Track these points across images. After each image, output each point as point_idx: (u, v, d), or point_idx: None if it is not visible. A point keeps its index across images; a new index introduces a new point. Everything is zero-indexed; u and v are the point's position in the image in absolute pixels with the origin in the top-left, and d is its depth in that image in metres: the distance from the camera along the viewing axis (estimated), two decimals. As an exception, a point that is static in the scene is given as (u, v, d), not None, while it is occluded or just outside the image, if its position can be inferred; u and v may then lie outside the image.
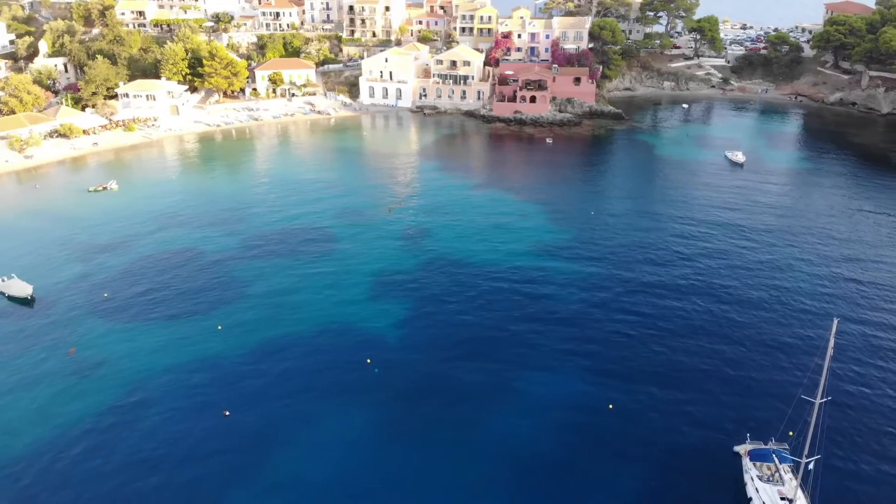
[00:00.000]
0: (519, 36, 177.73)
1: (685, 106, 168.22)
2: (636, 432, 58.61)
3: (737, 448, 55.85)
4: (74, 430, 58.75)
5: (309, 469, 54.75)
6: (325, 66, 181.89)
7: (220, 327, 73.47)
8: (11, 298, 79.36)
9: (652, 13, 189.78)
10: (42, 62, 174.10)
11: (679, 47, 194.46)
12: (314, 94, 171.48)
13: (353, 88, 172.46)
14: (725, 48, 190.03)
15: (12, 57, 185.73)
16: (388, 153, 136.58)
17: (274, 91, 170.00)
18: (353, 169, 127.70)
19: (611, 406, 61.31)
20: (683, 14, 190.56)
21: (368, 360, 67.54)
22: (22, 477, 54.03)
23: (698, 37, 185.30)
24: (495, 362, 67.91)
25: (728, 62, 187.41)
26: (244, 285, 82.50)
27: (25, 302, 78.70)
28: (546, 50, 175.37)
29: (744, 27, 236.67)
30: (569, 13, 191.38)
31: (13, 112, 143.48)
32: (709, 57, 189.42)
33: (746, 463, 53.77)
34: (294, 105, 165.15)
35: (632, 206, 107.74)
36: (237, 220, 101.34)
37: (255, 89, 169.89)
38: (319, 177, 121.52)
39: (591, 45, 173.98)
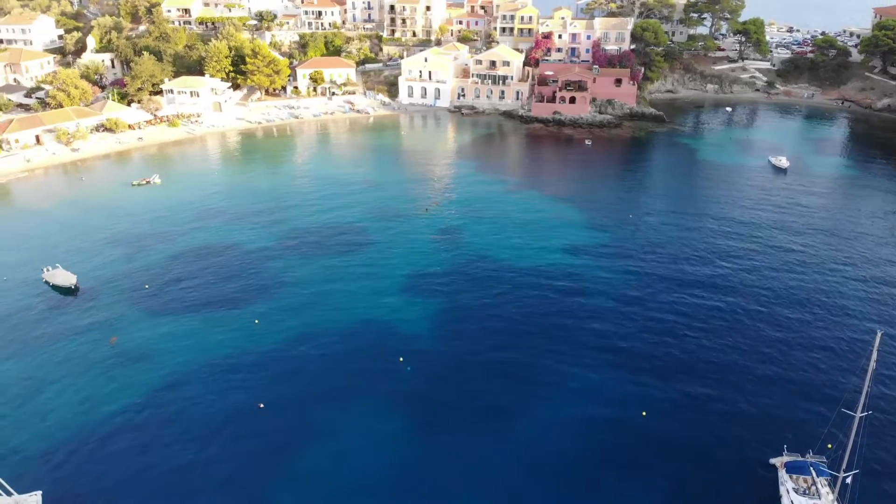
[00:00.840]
0: (560, 36, 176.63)
1: (728, 109, 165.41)
2: (669, 438, 57.94)
3: (773, 460, 54.79)
4: (114, 418, 60.21)
5: (339, 464, 55.26)
6: (365, 66, 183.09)
7: (256, 321, 74.58)
8: (56, 288, 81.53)
9: (696, 14, 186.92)
10: (89, 57, 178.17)
11: (723, 49, 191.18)
12: (354, 92, 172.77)
13: (392, 88, 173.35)
14: (771, 51, 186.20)
15: (61, 52, 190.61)
16: (425, 152, 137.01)
17: (314, 89, 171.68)
18: (390, 167, 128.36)
19: (644, 413, 60.67)
20: (728, 16, 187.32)
21: (401, 359, 67.89)
22: (63, 462, 55.56)
23: (743, 39, 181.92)
24: (528, 360, 67.82)
25: (773, 65, 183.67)
26: (281, 280, 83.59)
27: (69, 291, 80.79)
28: (587, 51, 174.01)
29: (790, 30, 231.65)
30: (611, 14, 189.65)
31: (61, 106, 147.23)
32: (754, 60, 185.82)
33: (782, 475, 52.76)
34: (334, 104, 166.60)
35: (671, 209, 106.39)
36: (276, 216, 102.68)
37: (296, 87, 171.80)
38: (357, 175, 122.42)
39: (632, 47, 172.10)
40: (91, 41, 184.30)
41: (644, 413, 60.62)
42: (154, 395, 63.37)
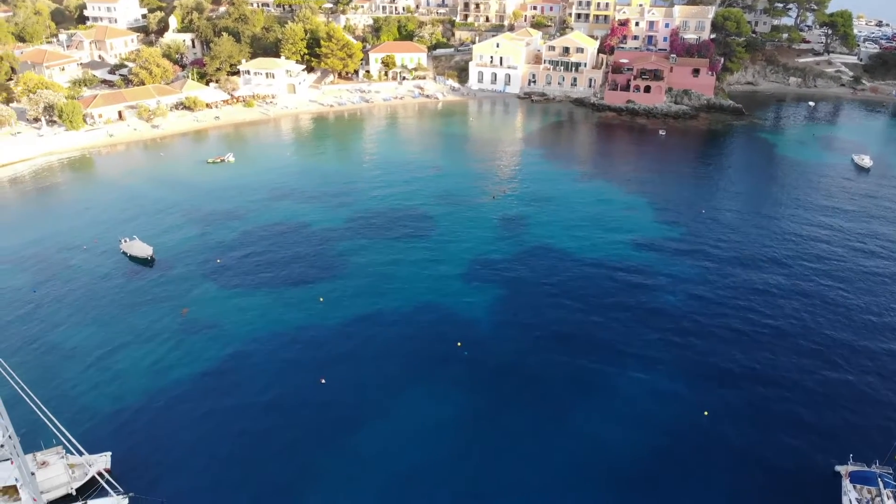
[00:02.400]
0: (637, 24, 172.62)
1: (811, 104, 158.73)
2: (730, 439, 56.36)
3: (838, 468, 52.79)
4: (182, 384, 62.34)
5: (392, 444, 55.79)
6: (437, 51, 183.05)
7: (321, 299, 75.85)
8: (133, 258, 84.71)
9: (781, 5, 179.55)
10: (171, 37, 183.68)
11: (808, 42, 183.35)
12: (424, 77, 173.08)
13: (462, 73, 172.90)
14: (858, 45, 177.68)
15: (144, 31, 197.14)
16: (492, 139, 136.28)
17: (386, 74, 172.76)
18: (457, 153, 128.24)
19: (706, 413, 59.14)
20: (815, 7, 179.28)
21: (459, 344, 67.96)
22: (132, 425, 57.81)
23: (829, 32, 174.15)
24: (587, 355, 66.91)
25: (860, 60, 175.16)
26: (346, 260, 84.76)
27: (145, 262, 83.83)
28: (665, 39, 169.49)
29: (879, 24, 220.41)
30: (691, 2, 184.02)
31: (143, 83, 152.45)
32: (840, 54, 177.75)
33: (846, 484, 50.75)
34: (404, 88, 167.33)
35: (746, 205, 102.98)
36: (343, 198, 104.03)
37: (367, 71, 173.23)
38: (424, 160, 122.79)
39: (712, 36, 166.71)
40: (173, 21, 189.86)
41: (706, 413, 59.08)
42: (220, 364, 65.31)
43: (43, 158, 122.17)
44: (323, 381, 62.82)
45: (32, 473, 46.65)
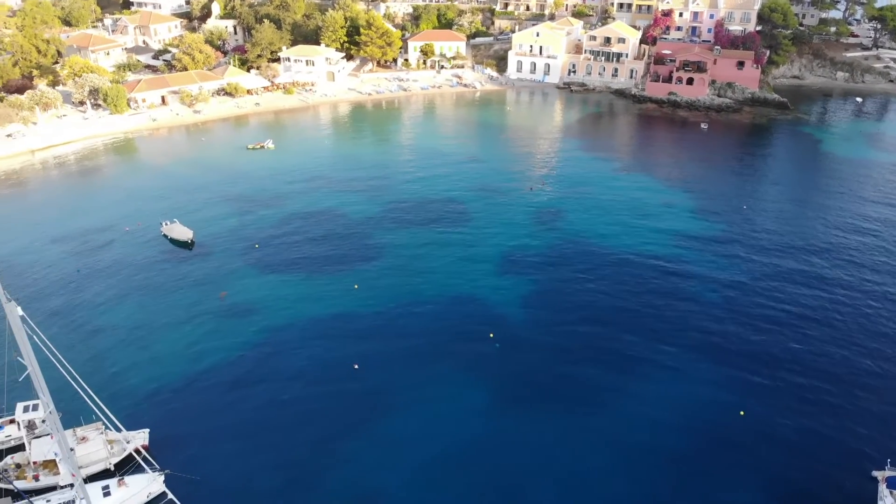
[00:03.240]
0: (680, 14, 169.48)
1: (859, 100, 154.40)
2: (765, 439, 55.43)
3: (875, 473, 51.59)
4: (219, 366, 63.43)
5: (423, 431, 56.07)
6: (476, 39, 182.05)
7: (356, 286, 76.33)
8: (173, 241, 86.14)
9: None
10: (214, 23, 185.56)
11: (857, 36, 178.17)
12: (462, 66, 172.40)
13: (500, 62, 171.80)
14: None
15: (187, 17, 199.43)
16: (530, 129, 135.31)
17: (424, 62, 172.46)
18: (493, 142, 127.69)
19: (742, 412, 58.21)
20: (864, 1, 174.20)
21: (491, 335, 67.85)
22: (170, 403, 59.03)
23: (878, 26, 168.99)
24: (621, 347, 66.43)
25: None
26: (381, 247, 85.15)
27: (185, 245, 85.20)
28: (709, 31, 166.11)
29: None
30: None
31: (185, 69, 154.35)
32: (889, 49, 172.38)
33: (882, 490, 49.66)
34: (442, 77, 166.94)
35: (790, 202, 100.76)
36: (380, 186, 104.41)
37: (406, 60, 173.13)
38: (461, 149, 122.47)
39: (758, 28, 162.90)
40: (216, 7, 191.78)
41: (742, 412, 58.15)
42: (256, 347, 66.25)
43: (88, 141, 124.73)
44: (356, 366, 63.30)
45: (72, 449, 47.89)
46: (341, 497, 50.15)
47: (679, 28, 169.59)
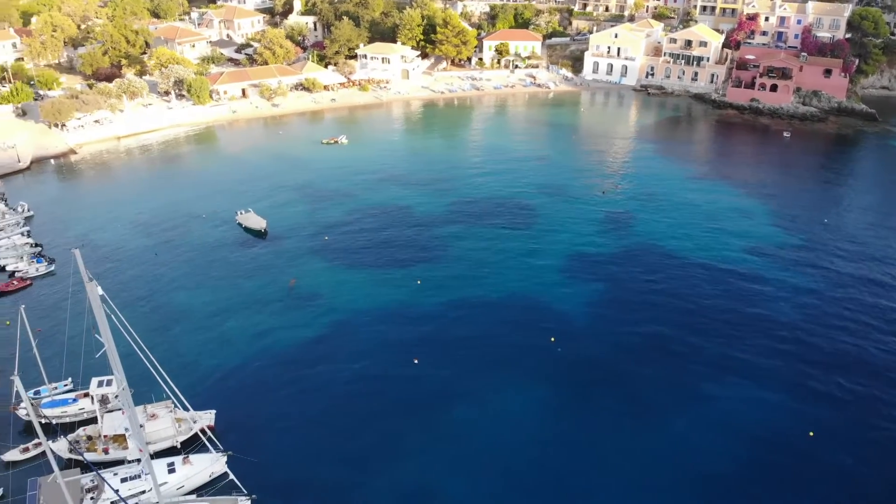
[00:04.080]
0: (766, 19, 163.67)
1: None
2: (833, 465, 52.84)
3: None
4: (285, 351, 64.89)
5: (479, 431, 55.86)
6: (552, 39, 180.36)
7: (419, 282, 76.76)
8: (247, 230, 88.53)
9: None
10: (295, 19, 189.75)
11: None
12: (537, 66, 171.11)
13: (576, 63, 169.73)
14: None
15: (270, 12, 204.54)
16: (603, 131, 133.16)
17: (498, 62, 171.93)
18: (564, 144, 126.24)
19: (811, 433, 55.76)
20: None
21: (553, 339, 67.03)
22: (236, 385, 60.75)
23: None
24: (687, 357, 64.65)
25: None
26: (445, 244, 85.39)
27: (259, 234, 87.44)
28: (796, 36, 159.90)
29: None
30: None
31: (266, 63, 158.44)
32: None
33: None
34: (515, 77, 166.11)
35: (874, 217, 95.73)
36: (448, 184, 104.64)
37: (480, 59, 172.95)
38: (531, 150, 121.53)
39: (847, 36, 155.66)
40: (297, 3, 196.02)
41: (811, 433, 55.67)
42: (320, 335, 67.44)
43: (171, 130, 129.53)
44: (416, 361, 63.62)
45: (141, 425, 49.66)
46: (399, 492, 50.37)
47: (764, 33, 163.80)
